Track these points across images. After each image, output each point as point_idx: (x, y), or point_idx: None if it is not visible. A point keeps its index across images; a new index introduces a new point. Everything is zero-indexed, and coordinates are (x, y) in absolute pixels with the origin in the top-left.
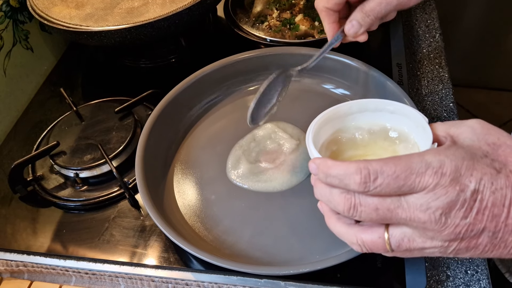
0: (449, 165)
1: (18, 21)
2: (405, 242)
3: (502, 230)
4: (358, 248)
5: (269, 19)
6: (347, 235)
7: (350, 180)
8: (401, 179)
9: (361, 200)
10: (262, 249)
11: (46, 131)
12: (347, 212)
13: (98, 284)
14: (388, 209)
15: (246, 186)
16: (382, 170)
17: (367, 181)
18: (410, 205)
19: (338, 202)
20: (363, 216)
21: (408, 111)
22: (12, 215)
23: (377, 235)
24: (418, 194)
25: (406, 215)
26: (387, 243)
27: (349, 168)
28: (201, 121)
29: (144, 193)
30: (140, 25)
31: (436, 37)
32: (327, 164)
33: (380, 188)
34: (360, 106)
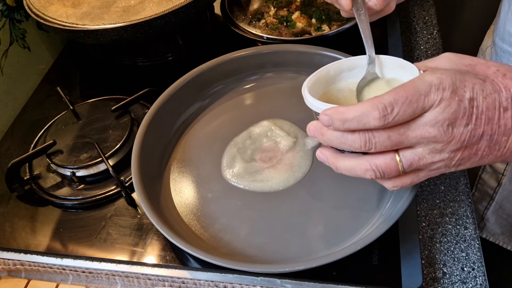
0: (446, 80)
1: (15, 20)
2: (415, 160)
3: (497, 131)
4: (373, 174)
5: (266, 17)
6: (360, 165)
7: (369, 118)
8: (414, 102)
9: (374, 133)
10: (259, 247)
11: (43, 130)
12: (364, 146)
13: (95, 283)
14: (399, 133)
15: (241, 186)
16: (396, 100)
17: (386, 114)
18: (420, 124)
19: (353, 140)
20: (378, 146)
21: (386, 59)
22: (9, 214)
23: (390, 158)
24: (427, 112)
25: (417, 133)
26: (400, 164)
27: (365, 107)
28: (198, 119)
29: (140, 192)
30: (137, 23)
31: (434, 33)
32: (340, 111)
33: (398, 117)
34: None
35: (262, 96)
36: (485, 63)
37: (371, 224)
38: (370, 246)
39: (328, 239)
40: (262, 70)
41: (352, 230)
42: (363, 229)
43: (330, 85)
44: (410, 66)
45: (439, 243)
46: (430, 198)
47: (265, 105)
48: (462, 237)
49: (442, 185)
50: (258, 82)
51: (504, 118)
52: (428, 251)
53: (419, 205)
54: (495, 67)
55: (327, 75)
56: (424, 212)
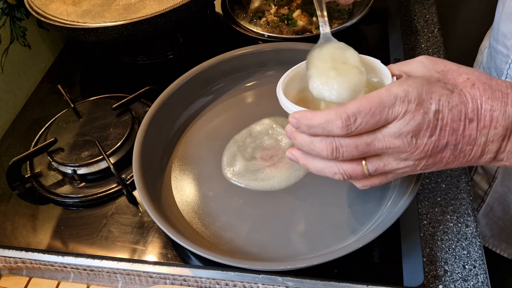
0: (412, 92)
1: (15, 18)
2: (381, 166)
3: (461, 141)
4: (340, 177)
5: (267, 15)
6: (329, 167)
7: (332, 126)
8: (377, 114)
9: (342, 142)
10: (260, 245)
11: (44, 128)
12: (331, 155)
13: (97, 281)
14: (366, 144)
15: (242, 185)
16: (359, 111)
17: (349, 123)
18: (385, 135)
19: (320, 148)
20: (345, 155)
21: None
22: (10, 212)
23: (356, 163)
24: (391, 124)
25: (382, 144)
26: (365, 168)
27: (330, 115)
28: (199, 117)
29: (141, 190)
30: (137, 21)
31: (435, 32)
32: (307, 116)
33: (361, 127)
34: None
35: (263, 94)
36: (457, 70)
37: (373, 221)
38: (371, 243)
39: (329, 237)
40: (263, 68)
41: (354, 227)
42: (365, 227)
43: (304, 84)
44: (384, 69)
45: (440, 241)
46: (431, 196)
47: (266, 103)
48: (464, 235)
49: (443, 183)
50: (260, 80)
51: (469, 129)
52: (430, 249)
53: (420, 203)
54: (466, 75)
55: (300, 73)
56: (425, 210)
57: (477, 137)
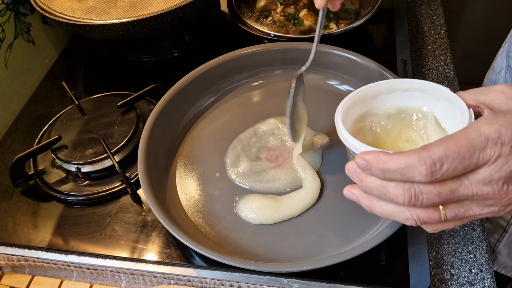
0: (506, 134)
1: (20, 14)
2: (461, 212)
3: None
4: (413, 223)
5: (273, 14)
6: (399, 212)
7: (414, 173)
8: (466, 158)
9: (422, 189)
10: (265, 246)
11: (48, 125)
12: (408, 203)
13: (100, 280)
14: (450, 191)
15: (247, 186)
16: (446, 155)
17: (434, 170)
18: (472, 181)
19: (395, 195)
20: (425, 203)
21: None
22: (13, 209)
23: (433, 209)
24: (481, 169)
25: (468, 191)
26: (443, 215)
27: (411, 160)
28: (204, 116)
29: (146, 188)
30: (143, 18)
31: (442, 33)
32: (381, 159)
33: (447, 173)
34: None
35: (270, 93)
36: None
37: (380, 224)
38: (377, 246)
39: (336, 239)
40: (270, 68)
41: (361, 230)
42: (372, 230)
43: (365, 108)
44: (457, 99)
45: (447, 244)
46: None
47: (272, 102)
48: (470, 238)
49: None
50: (266, 80)
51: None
52: (436, 252)
53: None
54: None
55: (363, 98)
56: None
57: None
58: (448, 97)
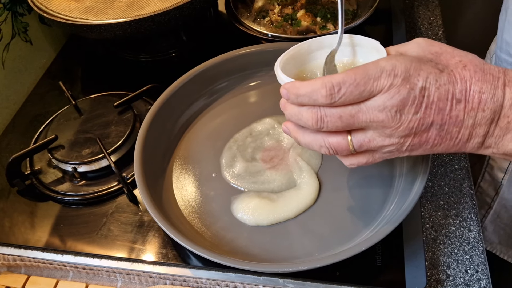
0: (400, 67)
1: (17, 13)
2: (366, 142)
3: (447, 122)
4: (326, 151)
5: (271, 14)
6: (315, 141)
7: (317, 95)
8: (361, 85)
9: (326, 112)
10: (261, 246)
11: (45, 124)
12: (316, 124)
13: (96, 280)
14: (350, 115)
15: (241, 188)
16: (344, 81)
17: (333, 93)
18: (369, 107)
19: (307, 118)
20: (330, 126)
21: (361, 40)
22: (9, 209)
23: (341, 137)
24: (376, 97)
25: (366, 117)
26: (350, 144)
27: (316, 85)
28: (201, 116)
29: (142, 188)
30: (141, 18)
31: (439, 34)
32: (295, 86)
33: (345, 97)
34: (318, 43)
35: (266, 94)
36: (451, 52)
37: (375, 224)
38: (373, 247)
39: (332, 239)
40: (267, 68)
41: (356, 230)
42: (367, 230)
43: (303, 64)
44: (382, 50)
45: (443, 245)
46: (434, 200)
47: (269, 103)
48: (466, 239)
49: (446, 186)
50: (263, 80)
51: (456, 110)
52: (432, 252)
53: (423, 207)
54: (459, 57)
55: (299, 53)
56: (428, 213)
57: (464, 119)
58: (377, 48)
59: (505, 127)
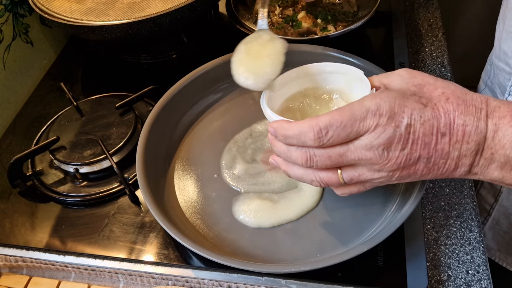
0: (384, 106)
1: (18, 15)
2: (355, 176)
3: (434, 155)
4: (318, 184)
5: (272, 16)
6: (306, 175)
7: (305, 138)
8: (348, 126)
9: (315, 152)
10: (263, 247)
11: (46, 126)
12: (305, 164)
13: (98, 280)
14: (339, 155)
15: (241, 190)
16: (331, 124)
17: (321, 136)
18: (357, 147)
19: (296, 157)
20: (319, 165)
21: (345, 68)
22: (11, 210)
23: (332, 172)
24: (363, 136)
25: (354, 156)
26: (340, 177)
27: (303, 127)
28: (203, 117)
29: (144, 189)
30: (142, 20)
31: (439, 36)
32: (283, 127)
33: (332, 139)
34: (303, 71)
35: None
36: (434, 84)
37: (377, 226)
38: (375, 248)
39: (333, 240)
40: None
41: (358, 231)
42: (369, 231)
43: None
44: (365, 80)
45: (444, 246)
46: (435, 201)
47: None
48: (467, 240)
49: (447, 187)
50: None
51: (441, 143)
52: (433, 253)
53: (424, 208)
54: (442, 89)
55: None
56: (429, 214)
57: (450, 151)
58: (360, 79)
59: (489, 157)
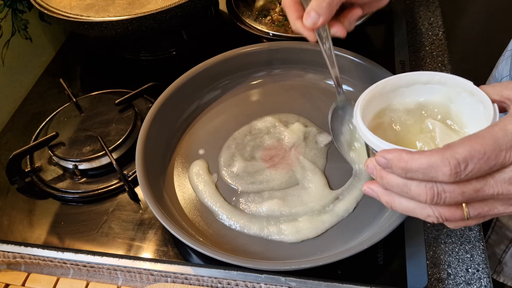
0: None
1: (18, 10)
2: (484, 211)
3: None
4: (435, 220)
5: (272, 13)
6: (421, 209)
7: (437, 173)
8: (492, 159)
9: (445, 188)
10: (263, 244)
11: (45, 122)
12: (430, 201)
13: (96, 277)
14: (474, 190)
15: (238, 188)
16: (471, 156)
17: (458, 171)
18: (498, 181)
19: (418, 193)
20: (448, 201)
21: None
22: (9, 206)
23: (455, 207)
24: (508, 168)
25: (493, 191)
26: (466, 213)
27: (434, 160)
28: (202, 115)
29: (144, 186)
30: (142, 16)
31: (439, 34)
32: (403, 158)
33: (472, 174)
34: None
35: (269, 92)
36: None
37: (377, 223)
38: (375, 245)
39: (334, 238)
40: (269, 67)
41: (358, 229)
42: (369, 228)
43: (384, 103)
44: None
45: (443, 244)
46: None
47: (271, 101)
48: (467, 238)
49: None
50: (266, 79)
51: None
52: (433, 251)
53: None
54: None
55: (382, 92)
56: None
57: None
58: (470, 90)
59: None
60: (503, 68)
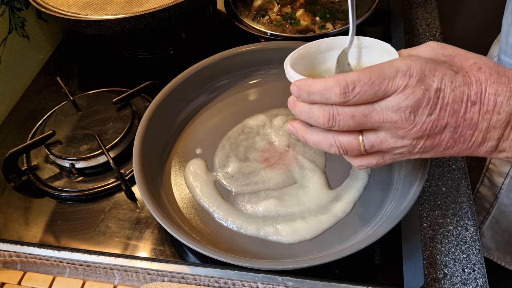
0: (415, 67)
1: (15, 8)
2: (377, 142)
3: (461, 124)
4: (336, 150)
5: (270, 13)
6: (325, 140)
7: (331, 93)
8: (376, 84)
9: (339, 110)
10: (260, 243)
11: (42, 120)
12: (327, 123)
13: (93, 276)
14: (363, 114)
15: (233, 190)
16: (358, 79)
17: (347, 91)
18: (383, 108)
19: (318, 115)
20: (341, 125)
21: (371, 42)
22: (5, 204)
23: (353, 137)
24: (390, 97)
25: (379, 117)
26: (361, 144)
27: (329, 82)
28: (200, 114)
29: (141, 185)
30: (140, 15)
31: (437, 35)
32: (307, 83)
33: (359, 96)
34: (328, 44)
35: (266, 92)
36: (465, 55)
37: (374, 223)
38: (372, 245)
39: (331, 237)
40: (267, 67)
41: (355, 229)
42: (366, 228)
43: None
44: (394, 52)
45: (440, 244)
46: (432, 199)
47: (269, 101)
48: (463, 238)
49: (444, 186)
50: (263, 78)
51: (470, 112)
52: (430, 251)
53: (420, 206)
54: (473, 59)
55: (309, 53)
56: (425, 212)
57: (478, 122)
58: (388, 51)
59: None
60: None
